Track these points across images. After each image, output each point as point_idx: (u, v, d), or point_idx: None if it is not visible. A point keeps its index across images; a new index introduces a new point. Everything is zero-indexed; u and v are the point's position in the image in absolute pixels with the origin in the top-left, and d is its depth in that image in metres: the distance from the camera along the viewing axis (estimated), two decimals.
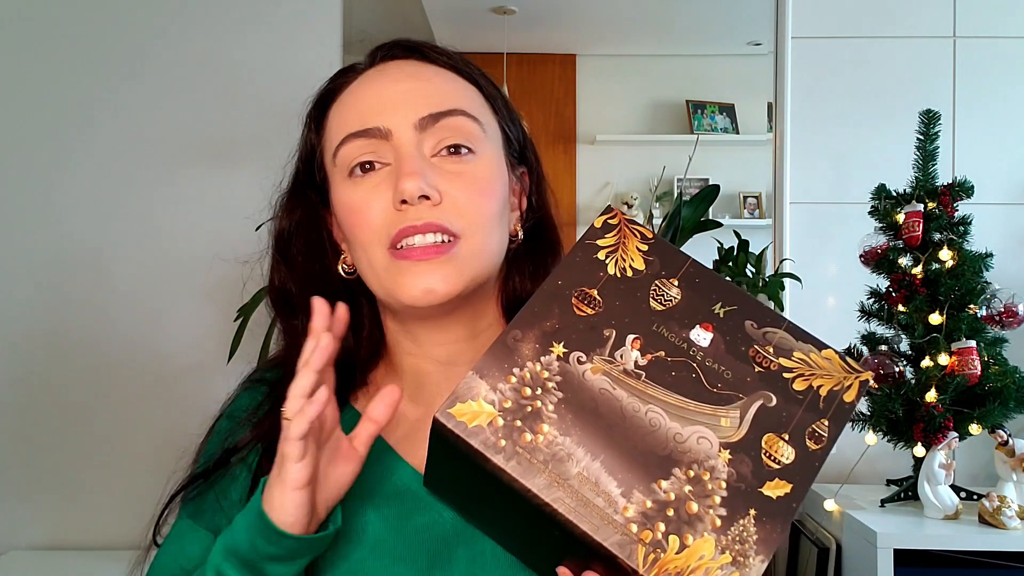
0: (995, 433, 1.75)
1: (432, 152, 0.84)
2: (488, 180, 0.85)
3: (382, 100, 0.84)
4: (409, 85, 0.85)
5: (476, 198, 0.83)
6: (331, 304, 0.80)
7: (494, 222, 0.85)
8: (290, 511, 0.72)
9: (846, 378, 0.69)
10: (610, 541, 0.61)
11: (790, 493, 0.64)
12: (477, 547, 0.83)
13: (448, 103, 0.84)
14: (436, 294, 0.82)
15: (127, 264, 2.22)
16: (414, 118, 0.83)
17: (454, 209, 0.82)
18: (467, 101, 0.87)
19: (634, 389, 0.66)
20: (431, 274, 0.81)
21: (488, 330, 0.92)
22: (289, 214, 0.93)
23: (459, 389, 0.65)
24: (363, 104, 0.85)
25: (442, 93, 0.85)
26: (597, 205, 2.49)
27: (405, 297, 0.83)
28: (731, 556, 0.62)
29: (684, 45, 2.52)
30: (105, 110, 2.23)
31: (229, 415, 0.93)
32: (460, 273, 0.83)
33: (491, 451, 0.63)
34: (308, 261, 0.92)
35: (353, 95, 0.87)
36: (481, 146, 0.86)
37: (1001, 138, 2.18)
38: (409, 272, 0.82)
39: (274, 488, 0.73)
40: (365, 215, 0.83)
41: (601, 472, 0.63)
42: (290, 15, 2.25)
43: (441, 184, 0.82)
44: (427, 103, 0.84)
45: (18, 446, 2.20)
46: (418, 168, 0.81)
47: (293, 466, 0.71)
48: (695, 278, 0.72)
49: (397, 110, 0.83)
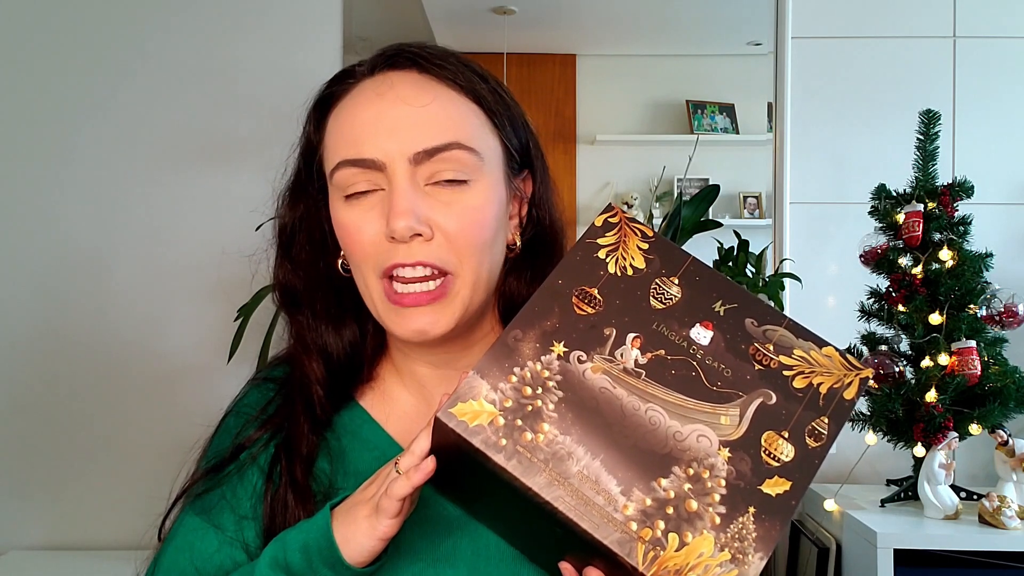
0: (995, 433, 1.75)
1: (427, 181, 0.83)
2: (481, 209, 0.84)
3: (378, 129, 0.83)
4: (406, 112, 0.83)
5: (468, 228, 0.83)
6: (330, 297, 0.85)
7: (486, 250, 0.85)
8: (366, 554, 0.74)
9: (846, 375, 0.69)
10: (610, 539, 0.62)
11: (789, 491, 0.64)
12: (481, 540, 0.84)
13: (445, 136, 0.83)
14: (429, 335, 0.84)
15: (127, 264, 2.22)
16: (409, 152, 0.82)
17: (445, 243, 0.83)
18: (465, 131, 0.84)
19: (634, 388, 0.67)
20: (423, 317, 0.83)
21: (483, 340, 0.93)
22: (291, 209, 0.94)
23: (460, 388, 0.66)
24: (359, 128, 0.84)
25: (439, 124, 0.83)
26: (597, 205, 2.49)
27: (399, 335, 0.85)
28: (730, 553, 0.62)
29: (684, 45, 2.51)
30: (105, 110, 2.23)
31: (238, 412, 0.94)
32: (453, 310, 0.84)
33: (492, 450, 0.63)
34: (311, 256, 0.93)
35: (351, 110, 0.86)
36: (477, 175, 0.84)
37: (1001, 138, 2.18)
38: (402, 314, 0.84)
39: (359, 529, 0.74)
40: (358, 238, 0.84)
41: (601, 470, 0.64)
42: (290, 15, 2.25)
43: (433, 215, 0.82)
44: (424, 136, 0.82)
45: (18, 446, 2.20)
46: (409, 206, 0.81)
47: (387, 521, 0.72)
48: (695, 276, 0.72)
49: (392, 141, 0.82)
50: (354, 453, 0.90)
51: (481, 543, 0.84)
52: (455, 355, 0.91)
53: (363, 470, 0.87)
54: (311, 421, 0.89)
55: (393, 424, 0.92)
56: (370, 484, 0.76)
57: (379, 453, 0.89)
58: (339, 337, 0.92)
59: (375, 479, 0.76)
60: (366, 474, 0.85)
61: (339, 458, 0.89)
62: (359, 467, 0.88)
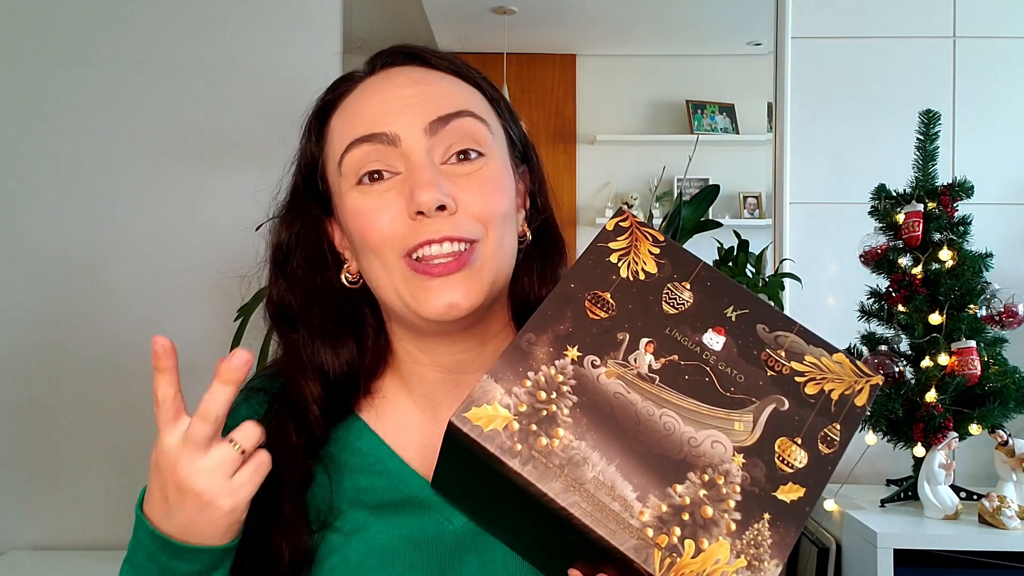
0: (995, 433, 1.76)
1: (442, 159, 0.82)
2: (498, 180, 0.84)
3: (388, 105, 0.83)
4: (414, 90, 0.83)
5: (489, 199, 0.82)
6: (329, 314, 0.84)
7: (507, 221, 0.85)
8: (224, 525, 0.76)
9: (857, 382, 0.69)
10: (626, 546, 0.61)
11: (803, 497, 0.64)
12: (487, 555, 0.83)
13: (455, 105, 0.83)
14: (460, 308, 0.81)
15: (127, 264, 2.21)
16: (423, 122, 0.81)
17: (469, 215, 0.81)
18: (473, 103, 0.85)
19: (648, 393, 0.66)
20: (453, 288, 0.80)
21: (497, 337, 0.91)
22: (288, 227, 0.91)
23: (474, 393, 0.65)
24: (368, 110, 0.83)
25: (448, 96, 0.84)
26: (597, 205, 2.49)
27: (427, 312, 0.81)
28: (746, 560, 0.62)
29: (684, 45, 2.52)
30: (103, 110, 2.22)
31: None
32: (481, 282, 0.82)
33: (507, 455, 0.63)
34: (308, 274, 0.90)
35: (356, 102, 0.86)
36: (489, 148, 0.84)
37: (1001, 138, 2.19)
38: (430, 288, 0.80)
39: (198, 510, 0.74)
40: (376, 223, 0.82)
41: (617, 476, 0.63)
42: (290, 15, 2.24)
43: (455, 191, 0.81)
44: (435, 106, 0.82)
45: (18, 446, 2.19)
46: (433, 178, 0.79)
47: None
48: (707, 281, 0.72)
49: (404, 115, 0.82)
50: (353, 466, 0.88)
51: (487, 557, 0.83)
52: (471, 356, 0.89)
53: (363, 485, 0.86)
54: (305, 442, 0.87)
55: (394, 436, 0.90)
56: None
57: (381, 467, 0.88)
58: (336, 355, 0.89)
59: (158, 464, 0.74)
60: (366, 488, 0.84)
61: (338, 472, 0.87)
62: (360, 481, 0.87)
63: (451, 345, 0.88)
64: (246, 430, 0.75)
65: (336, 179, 0.86)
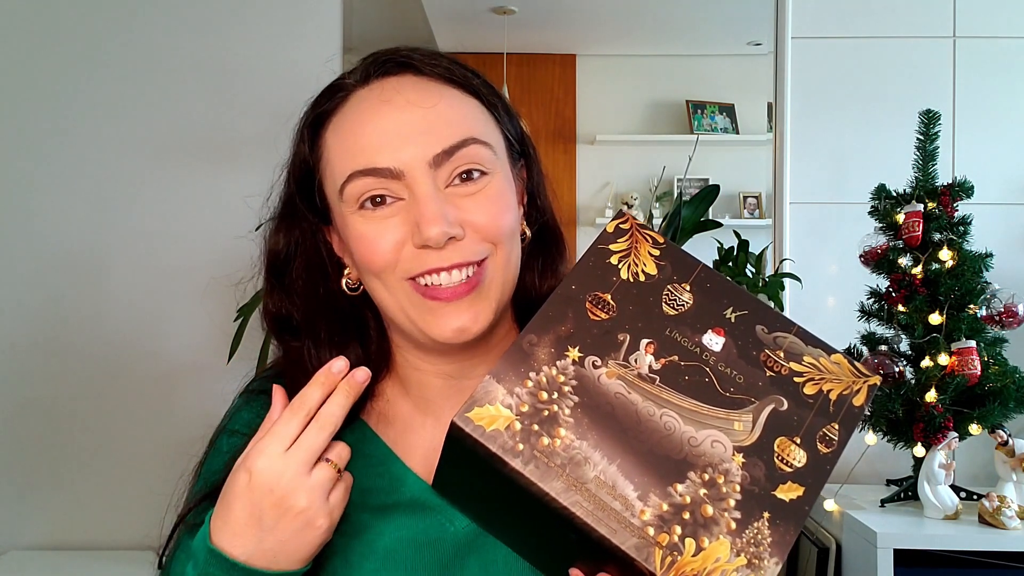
0: (995, 433, 1.76)
1: (446, 183, 0.81)
2: (503, 195, 0.83)
3: (388, 136, 0.80)
4: (414, 117, 0.80)
5: (495, 217, 0.81)
6: (334, 323, 0.82)
7: (513, 234, 0.84)
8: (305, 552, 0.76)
9: (855, 382, 0.70)
10: (628, 544, 0.62)
11: (803, 496, 0.65)
12: (489, 556, 0.83)
13: (459, 133, 0.81)
14: (470, 332, 0.81)
15: (127, 263, 2.22)
16: (427, 156, 0.79)
17: (476, 236, 0.81)
18: (475, 124, 0.83)
19: (649, 393, 0.67)
20: (463, 313, 0.80)
21: (502, 342, 0.90)
22: (285, 235, 0.89)
23: (477, 393, 0.66)
24: (367, 138, 0.81)
25: (450, 122, 0.81)
26: (597, 205, 2.50)
27: (437, 335, 0.81)
28: (746, 559, 0.62)
29: (684, 45, 2.52)
30: (103, 109, 2.22)
31: (231, 431, 0.91)
32: (489, 302, 0.82)
33: (509, 455, 0.64)
34: (310, 284, 0.89)
35: (352, 121, 0.83)
36: (492, 165, 0.83)
37: (1001, 138, 2.19)
38: (440, 312, 0.80)
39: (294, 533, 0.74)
40: (379, 249, 0.81)
41: (618, 476, 0.64)
42: (290, 15, 2.25)
43: (460, 215, 0.80)
44: (438, 138, 0.80)
45: (18, 446, 2.19)
46: (439, 209, 0.78)
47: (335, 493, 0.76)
48: (707, 283, 0.72)
49: (407, 147, 0.79)
50: (357, 469, 0.86)
51: (489, 558, 0.83)
52: (474, 363, 0.89)
53: (367, 487, 0.86)
54: None
55: (396, 439, 0.90)
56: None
57: (383, 469, 0.88)
58: None
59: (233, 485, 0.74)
60: (370, 490, 0.84)
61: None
62: (363, 483, 0.86)
63: (454, 355, 0.88)
64: (340, 450, 0.76)
65: (336, 201, 0.84)
